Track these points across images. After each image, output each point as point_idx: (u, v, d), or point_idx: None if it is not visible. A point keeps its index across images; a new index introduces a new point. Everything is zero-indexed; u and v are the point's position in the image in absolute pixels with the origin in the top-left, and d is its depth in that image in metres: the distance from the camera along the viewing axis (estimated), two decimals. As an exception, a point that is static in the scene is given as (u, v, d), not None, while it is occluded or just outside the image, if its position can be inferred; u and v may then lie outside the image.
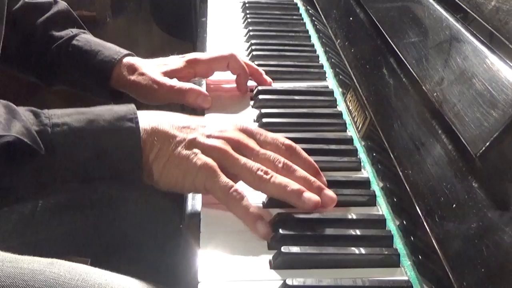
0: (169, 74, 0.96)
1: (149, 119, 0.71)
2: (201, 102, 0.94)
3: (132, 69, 0.97)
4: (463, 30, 0.66)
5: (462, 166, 0.58)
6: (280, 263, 0.62)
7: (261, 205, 0.72)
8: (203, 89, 0.98)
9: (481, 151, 0.54)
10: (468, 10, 0.67)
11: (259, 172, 0.69)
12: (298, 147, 0.74)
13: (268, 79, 1.01)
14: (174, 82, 0.94)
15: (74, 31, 1.02)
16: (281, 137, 0.75)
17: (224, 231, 0.68)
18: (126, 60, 0.99)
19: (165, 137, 0.70)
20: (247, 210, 0.68)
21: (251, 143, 0.72)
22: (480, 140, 0.55)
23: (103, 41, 1.03)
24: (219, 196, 0.69)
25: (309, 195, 0.69)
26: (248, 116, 0.92)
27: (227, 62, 0.97)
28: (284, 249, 0.62)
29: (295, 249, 0.63)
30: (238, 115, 0.93)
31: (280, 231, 0.65)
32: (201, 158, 0.69)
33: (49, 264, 0.78)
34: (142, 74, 0.96)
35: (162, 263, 1.00)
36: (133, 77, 0.97)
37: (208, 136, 0.71)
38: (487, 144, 0.54)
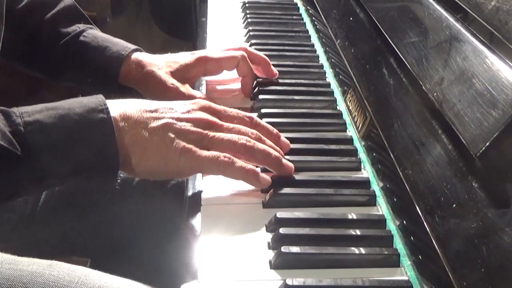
0: (179, 72, 0.96)
1: (118, 108, 0.70)
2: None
3: (141, 66, 0.97)
4: (463, 30, 0.66)
5: (462, 166, 0.58)
6: (280, 263, 0.62)
7: (261, 204, 0.72)
8: (203, 90, 0.98)
9: (481, 151, 0.54)
10: (468, 10, 0.67)
11: (242, 141, 0.72)
12: (257, 118, 0.78)
13: (275, 70, 1.01)
14: (184, 89, 0.94)
15: (81, 26, 1.02)
16: (242, 112, 0.78)
17: (224, 231, 0.68)
18: (135, 56, 0.98)
19: (137, 123, 0.70)
20: (245, 169, 0.71)
21: (219, 121, 0.74)
22: (480, 140, 0.55)
23: (111, 36, 1.02)
24: (211, 168, 0.70)
25: (285, 162, 0.75)
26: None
27: (237, 62, 0.97)
28: (284, 249, 0.62)
29: (295, 249, 0.63)
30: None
31: (280, 231, 0.65)
32: (179, 142, 0.70)
33: (49, 266, 0.78)
34: (151, 72, 0.96)
35: (162, 263, 1.00)
36: (141, 75, 0.96)
37: (178, 119, 0.72)
38: (487, 144, 0.54)
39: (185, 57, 0.98)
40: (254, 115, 0.78)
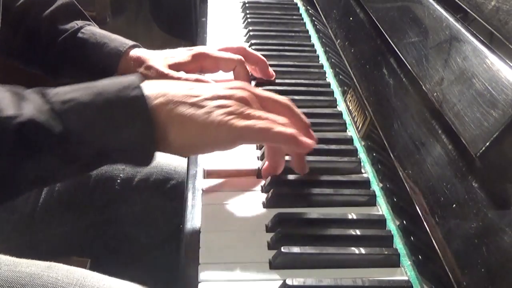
0: (176, 67, 0.96)
1: (154, 86, 0.70)
2: None
3: (139, 61, 0.97)
4: (463, 30, 0.66)
5: (462, 166, 0.58)
6: (280, 263, 0.62)
7: (261, 204, 0.72)
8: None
9: (481, 151, 0.54)
10: (468, 10, 0.67)
11: (281, 120, 0.71)
12: (293, 105, 0.77)
13: (272, 71, 1.01)
14: (180, 74, 0.94)
15: (79, 23, 1.02)
16: (279, 96, 0.77)
17: (224, 231, 0.68)
18: (133, 52, 0.98)
19: (173, 100, 0.70)
20: (284, 132, 0.70)
21: (252, 99, 0.73)
22: (480, 140, 0.55)
23: (109, 33, 1.02)
24: (250, 135, 0.70)
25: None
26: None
27: (235, 66, 0.96)
28: (284, 249, 0.62)
29: (295, 249, 0.63)
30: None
31: (280, 231, 0.65)
32: (217, 113, 0.69)
33: (47, 268, 0.78)
34: (149, 67, 0.96)
35: (162, 263, 1.00)
36: (140, 70, 0.96)
37: (216, 96, 0.71)
38: (487, 144, 0.54)
39: (182, 53, 0.98)
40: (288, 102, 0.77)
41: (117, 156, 0.69)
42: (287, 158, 0.76)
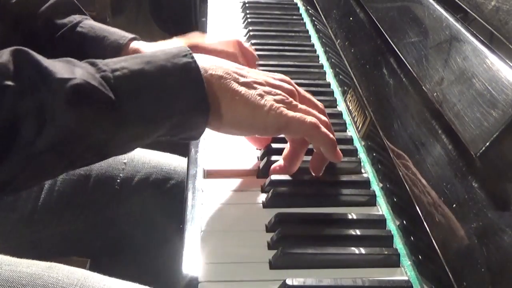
0: None
1: (205, 59, 0.70)
2: None
3: (138, 53, 0.97)
4: (463, 30, 0.66)
5: (462, 166, 0.58)
6: (280, 263, 0.62)
7: (261, 204, 0.72)
8: None
9: (481, 151, 0.54)
10: (468, 10, 0.67)
11: (324, 118, 0.73)
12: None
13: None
14: None
15: (77, 17, 1.01)
16: (315, 100, 0.78)
17: (224, 231, 0.68)
18: (132, 44, 0.99)
19: (225, 75, 0.70)
20: (328, 136, 0.72)
21: (300, 92, 0.75)
22: (480, 140, 0.55)
23: (108, 26, 1.02)
24: (297, 128, 0.70)
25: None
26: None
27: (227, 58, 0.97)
28: (284, 249, 0.62)
29: (295, 249, 0.63)
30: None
31: (280, 231, 0.65)
32: (268, 99, 0.70)
33: (48, 268, 0.78)
34: None
35: (162, 263, 1.00)
36: None
37: (266, 82, 0.73)
38: (487, 144, 0.54)
39: (176, 44, 0.99)
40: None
41: (168, 126, 0.67)
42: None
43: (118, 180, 1.02)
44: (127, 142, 0.68)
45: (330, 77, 1.04)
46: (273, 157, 0.77)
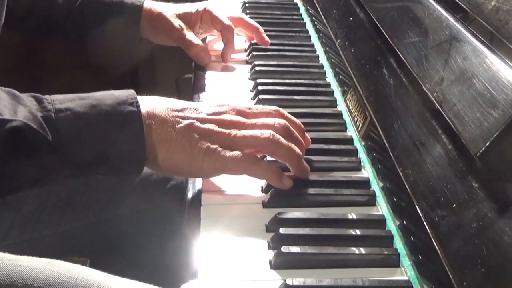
0: (183, 17, 1.09)
1: (146, 105, 0.71)
2: (203, 56, 1.06)
3: (151, 12, 1.08)
4: (463, 30, 0.66)
5: (462, 166, 0.58)
6: (280, 263, 0.62)
7: (261, 204, 0.72)
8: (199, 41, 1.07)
9: (481, 151, 0.54)
10: (468, 10, 0.67)
11: (265, 135, 0.72)
12: (283, 110, 0.78)
13: (267, 38, 1.13)
14: (187, 33, 1.06)
15: None
16: (268, 106, 0.79)
17: (224, 231, 0.68)
18: (146, 4, 1.08)
19: (163, 122, 0.71)
20: (269, 168, 0.72)
21: (243, 119, 0.75)
22: (480, 140, 0.55)
23: None
24: (235, 168, 0.71)
25: (305, 163, 0.75)
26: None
27: (221, 28, 1.09)
28: (284, 249, 0.62)
29: (295, 249, 0.63)
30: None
31: (280, 231, 0.65)
32: (203, 143, 0.70)
33: (48, 263, 0.78)
34: (159, 13, 1.08)
35: (162, 263, 1.00)
36: (152, 20, 1.08)
37: (203, 120, 0.73)
38: (487, 144, 0.54)
39: (189, 5, 1.11)
40: (279, 108, 0.79)
41: (106, 169, 0.70)
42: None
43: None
44: (63, 179, 0.71)
45: (330, 77, 1.04)
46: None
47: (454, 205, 0.56)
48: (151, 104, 0.72)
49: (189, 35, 1.06)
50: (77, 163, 0.68)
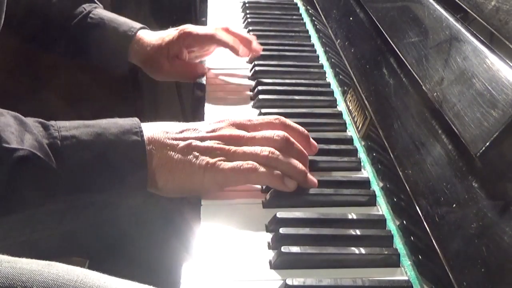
0: (165, 49, 1.03)
1: (147, 130, 0.72)
2: (198, 74, 1.04)
3: (142, 46, 1.04)
4: (463, 30, 0.66)
5: (462, 166, 0.58)
6: (280, 263, 0.62)
7: (261, 204, 0.72)
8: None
9: (481, 151, 0.54)
10: (468, 10, 0.67)
11: (264, 153, 0.72)
12: (287, 119, 0.78)
13: (258, 46, 1.07)
14: (169, 66, 1.02)
15: (87, 7, 1.06)
16: (268, 116, 0.78)
17: (224, 231, 0.68)
18: (140, 34, 1.05)
19: (163, 146, 0.72)
20: (270, 173, 0.71)
21: (243, 133, 0.75)
22: (480, 140, 0.55)
23: (116, 16, 1.07)
24: (235, 178, 0.71)
25: (310, 177, 0.73)
26: (248, 116, 0.92)
27: (215, 38, 1.03)
28: (284, 249, 0.62)
29: (295, 249, 0.63)
30: (238, 115, 0.93)
31: (280, 231, 0.65)
32: (203, 159, 0.71)
33: (47, 265, 0.78)
34: (147, 52, 1.03)
35: (162, 263, 1.00)
36: (143, 55, 1.04)
37: (203, 138, 0.73)
38: (487, 144, 0.54)
39: (169, 34, 1.04)
40: (282, 117, 0.78)
41: (107, 195, 0.72)
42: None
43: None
44: (64, 202, 0.77)
45: (330, 77, 1.04)
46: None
47: (454, 205, 0.56)
48: (151, 130, 0.73)
49: (171, 67, 1.03)
50: (80, 189, 0.70)
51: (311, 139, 0.78)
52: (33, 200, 0.69)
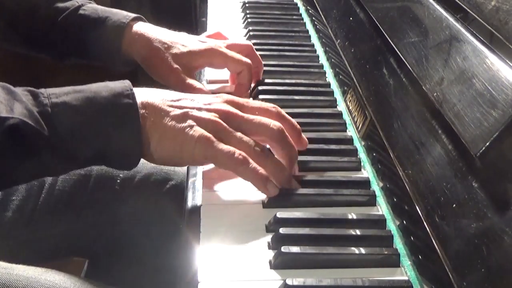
0: (186, 57, 0.94)
1: (141, 95, 0.71)
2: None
3: (145, 39, 0.95)
4: (463, 30, 0.66)
5: (462, 166, 0.58)
6: (280, 263, 0.62)
7: (261, 204, 0.72)
8: (205, 86, 0.97)
9: (481, 151, 0.54)
10: (468, 10, 0.67)
11: (256, 148, 0.71)
12: (280, 109, 0.77)
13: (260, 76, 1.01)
14: (186, 76, 0.93)
15: (80, 1, 1.00)
16: (266, 103, 0.77)
17: (224, 231, 0.68)
18: (138, 26, 0.97)
19: (158, 111, 0.70)
20: (257, 172, 0.70)
21: (240, 113, 0.74)
22: (480, 140, 0.55)
23: (111, 8, 1.01)
24: (224, 162, 0.70)
25: (293, 182, 0.73)
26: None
27: (242, 69, 0.95)
28: (284, 249, 0.62)
29: (295, 249, 0.63)
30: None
31: (280, 231, 0.65)
32: (197, 130, 0.70)
33: (44, 272, 0.78)
34: (156, 50, 0.94)
35: (161, 263, 1.00)
36: (145, 50, 0.95)
37: (199, 109, 0.72)
38: (487, 144, 0.54)
39: (195, 44, 0.96)
40: (278, 107, 0.77)
41: (103, 159, 0.71)
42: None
43: (118, 180, 1.02)
44: (63, 171, 0.76)
45: (330, 77, 1.04)
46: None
47: (454, 205, 0.56)
48: (146, 94, 0.72)
49: (188, 79, 0.93)
50: (73, 157, 0.68)
51: (302, 134, 0.78)
52: (27, 170, 0.68)
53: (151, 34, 0.96)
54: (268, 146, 0.75)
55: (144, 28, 0.97)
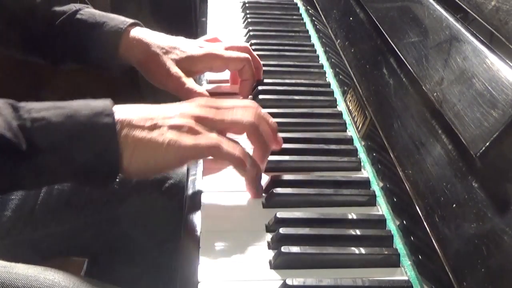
0: (185, 63, 0.94)
1: (121, 112, 0.71)
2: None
3: (143, 44, 0.95)
4: (463, 30, 0.66)
5: (462, 166, 0.58)
6: (280, 263, 0.62)
7: (261, 204, 0.72)
8: (204, 88, 0.97)
9: (481, 151, 0.54)
10: (468, 10, 0.67)
11: (227, 139, 0.71)
12: (257, 105, 0.77)
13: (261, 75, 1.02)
14: (186, 81, 0.93)
15: (77, 5, 1.00)
16: (242, 101, 0.78)
17: (224, 231, 0.68)
18: (136, 31, 0.96)
19: (134, 127, 0.70)
20: (232, 152, 0.70)
21: (211, 115, 0.73)
22: (480, 140, 0.55)
23: (109, 13, 1.00)
24: (197, 153, 0.70)
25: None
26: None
27: (243, 65, 0.95)
28: (284, 249, 0.62)
29: (295, 249, 0.63)
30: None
31: (280, 231, 0.65)
32: (166, 135, 0.70)
33: (44, 270, 0.78)
34: (154, 55, 0.94)
35: (161, 263, 1.00)
36: (143, 55, 0.94)
37: (172, 117, 0.72)
38: (487, 144, 0.54)
39: (193, 49, 0.96)
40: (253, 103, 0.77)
41: (78, 179, 0.71)
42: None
43: (117, 180, 1.02)
44: (38, 185, 0.76)
45: (330, 77, 1.04)
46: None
47: (454, 205, 0.56)
48: (126, 112, 0.71)
49: (188, 84, 0.93)
50: (49, 173, 0.68)
51: (278, 134, 0.78)
52: (3, 182, 0.67)
53: (149, 39, 0.95)
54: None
55: (141, 33, 0.96)
